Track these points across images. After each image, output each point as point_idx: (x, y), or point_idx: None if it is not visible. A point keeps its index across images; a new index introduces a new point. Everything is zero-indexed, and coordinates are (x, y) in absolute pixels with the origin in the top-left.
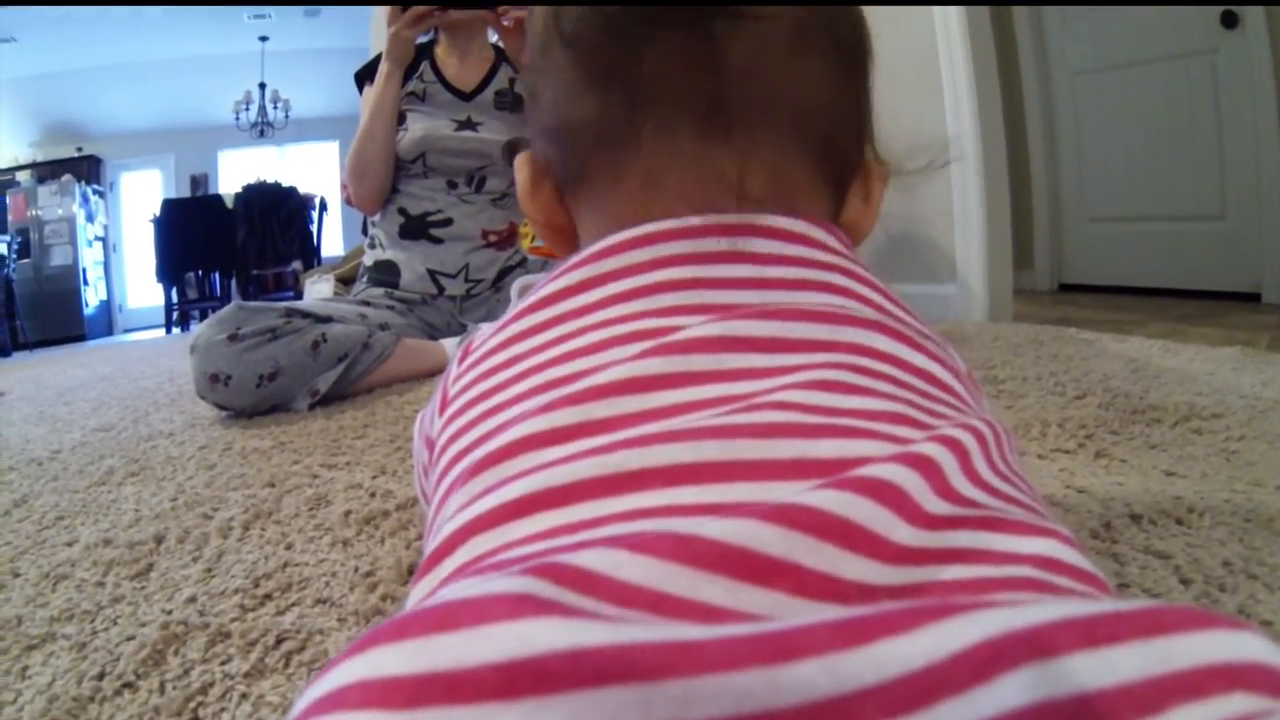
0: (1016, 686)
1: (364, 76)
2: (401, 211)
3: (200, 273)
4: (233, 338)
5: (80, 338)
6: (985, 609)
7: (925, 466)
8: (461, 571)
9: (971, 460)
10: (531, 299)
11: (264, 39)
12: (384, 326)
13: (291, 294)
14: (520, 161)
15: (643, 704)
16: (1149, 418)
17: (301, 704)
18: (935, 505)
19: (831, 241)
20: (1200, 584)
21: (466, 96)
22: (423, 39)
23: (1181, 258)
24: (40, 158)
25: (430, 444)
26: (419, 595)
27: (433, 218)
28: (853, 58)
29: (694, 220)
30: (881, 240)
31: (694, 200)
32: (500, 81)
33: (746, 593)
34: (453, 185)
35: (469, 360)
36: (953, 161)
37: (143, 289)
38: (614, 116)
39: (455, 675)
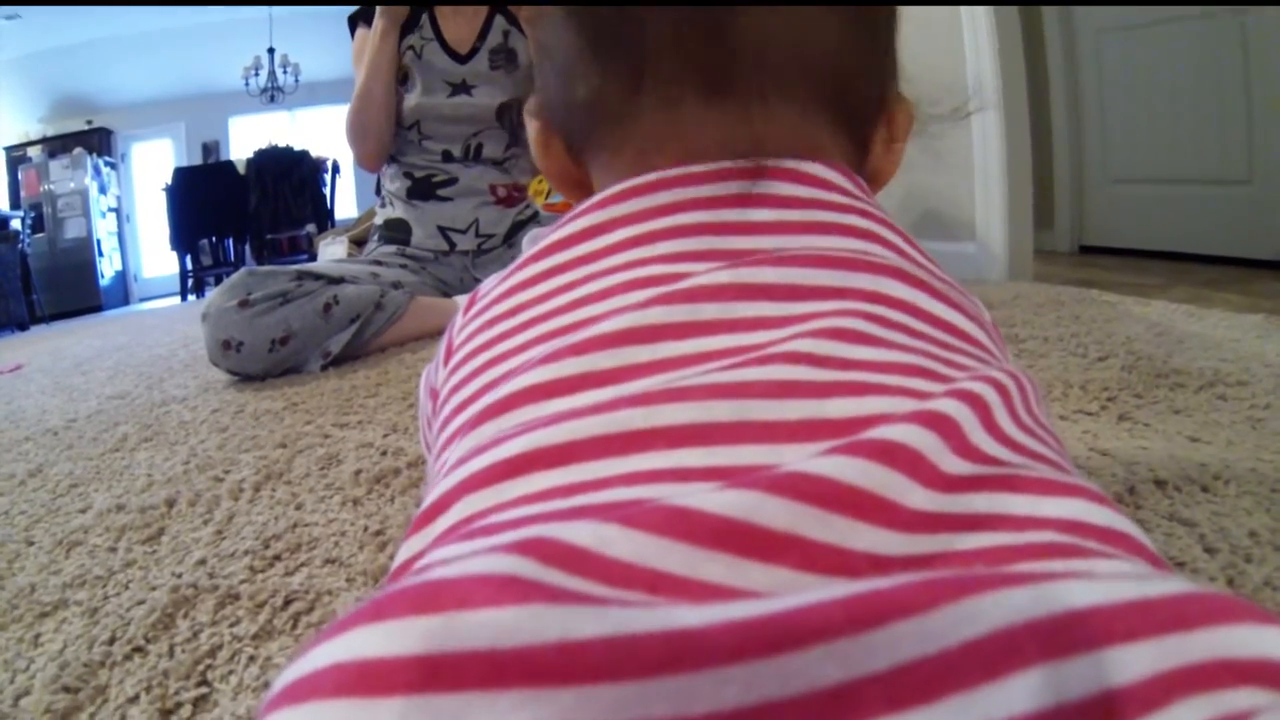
0: (1026, 689)
1: (358, 20)
2: (407, 175)
3: (214, 239)
4: (244, 304)
5: (97, 309)
6: (1006, 587)
7: (942, 425)
8: (453, 531)
9: (993, 414)
10: (537, 246)
11: (271, 3)
12: (397, 285)
13: (306, 257)
14: (530, 112)
15: (641, 701)
16: (1173, 382)
17: (277, 686)
18: (953, 465)
19: (850, 186)
20: (1226, 554)
21: (462, 59)
22: None
23: (1206, 222)
24: (50, 132)
25: (435, 395)
26: (407, 554)
27: (437, 178)
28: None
29: (707, 165)
30: (901, 197)
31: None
32: (495, 37)
33: (749, 569)
34: (449, 157)
35: (473, 310)
36: (976, 111)
37: (157, 258)
38: (616, 89)
39: (434, 660)
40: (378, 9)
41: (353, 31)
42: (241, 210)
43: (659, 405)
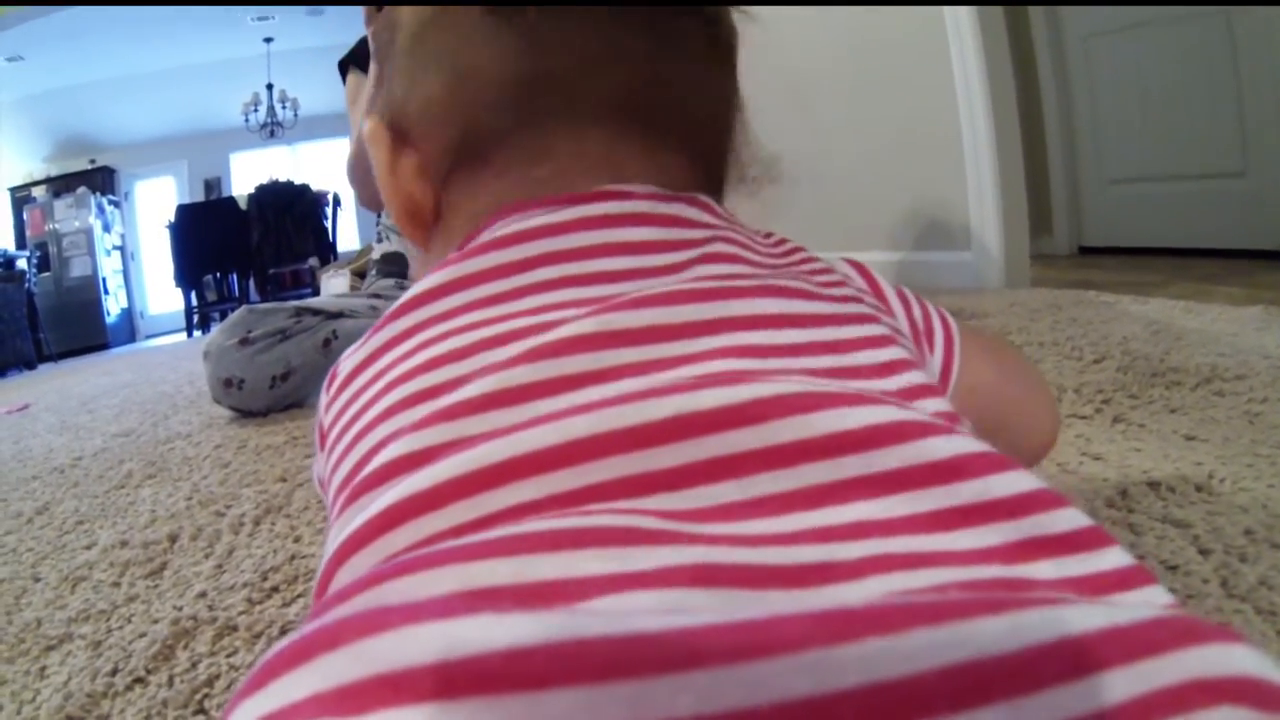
0: None
1: (348, 64)
2: None
3: (218, 275)
4: (244, 341)
5: (104, 346)
6: (983, 614)
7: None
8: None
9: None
10: (392, 307)
11: (269, 40)
12: None
13: (309, 290)
14: (374, 134)
15: (592, 706)
16: (1169, 380)
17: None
18: (900, 505)
19: (706, 218)
20: (1220, 554)
21: None
22: None
23: (1203, 216)
24: (54, 172)
25: (324, 486)
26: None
27: None
28: (731, 64)
29: (565, 215)
30: (895, 208)
31: (617, 179)
32: None
33: None
34: None
35: (335, 385)
36: (780, 181)
37: (163, 295)
38: (532, 105)
39: (395, 677)
40: (371, 55)
41: (344, 76)
42: (244, 245)
43: (514, 434)
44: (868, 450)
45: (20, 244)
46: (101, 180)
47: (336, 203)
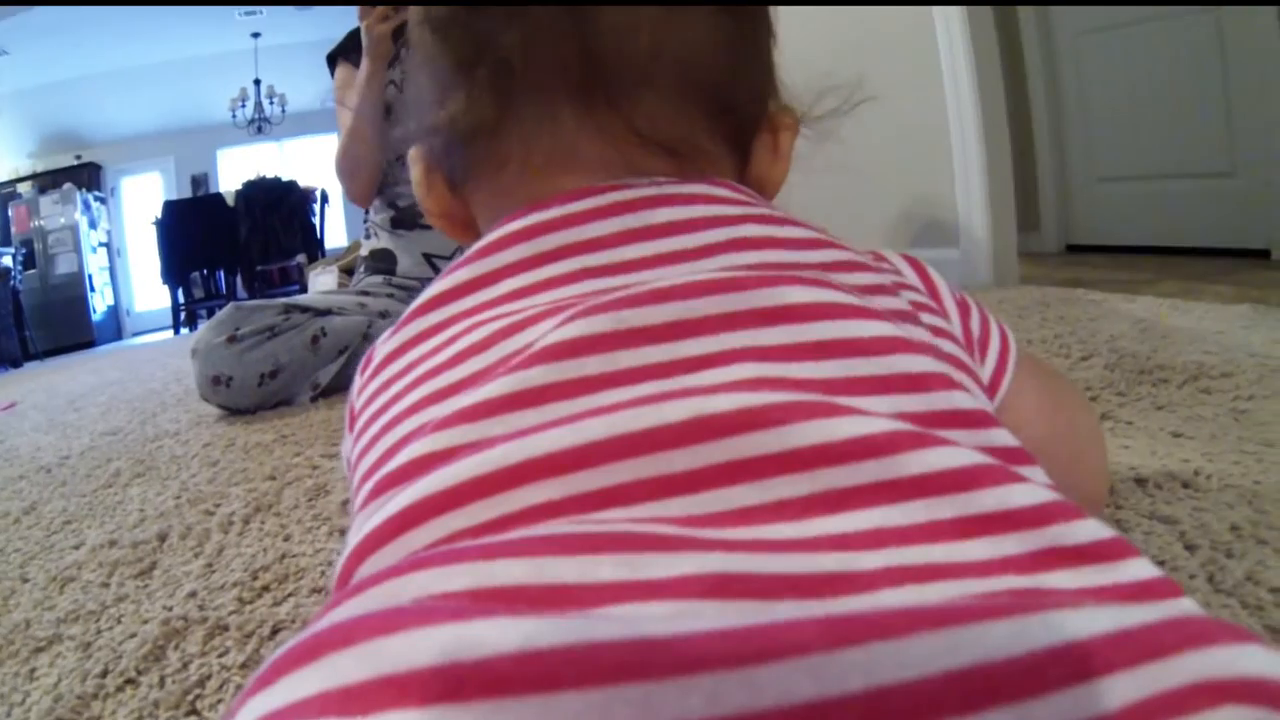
0: None
1: (336, 58)
2: (391, 205)
3: (205, 272)
4: (232, 339)
5: (90, 344)
6: (988, 619)
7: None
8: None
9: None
10: (422, 299)
11: (256, 35)
12: (384, 315)
13: (297, 287)
14: (413, 156)
15: (603, 708)
16: (1156, 378)
17: (250, 716)
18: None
19: (737, 196)
20: (1206, 549)
21: None
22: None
23: (1192, 216)
24: (40, 168)
25: (351, 466)
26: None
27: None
28: (742, 7)
29: (580, 205)
30: (883, 205)
31: (583, 176)
32: None
33: None
34: None
35: (370, 370)
36: (859, 104)
37: (149, 292)
38: (484, 102)
39: (404, 678)
40: (364, 50)
41: (332, 69)
42: (232, 242)
43: (531, 436)
44: (887, 456)
45: (5, 241)
46: (88, 176)
47: (324, 199)
